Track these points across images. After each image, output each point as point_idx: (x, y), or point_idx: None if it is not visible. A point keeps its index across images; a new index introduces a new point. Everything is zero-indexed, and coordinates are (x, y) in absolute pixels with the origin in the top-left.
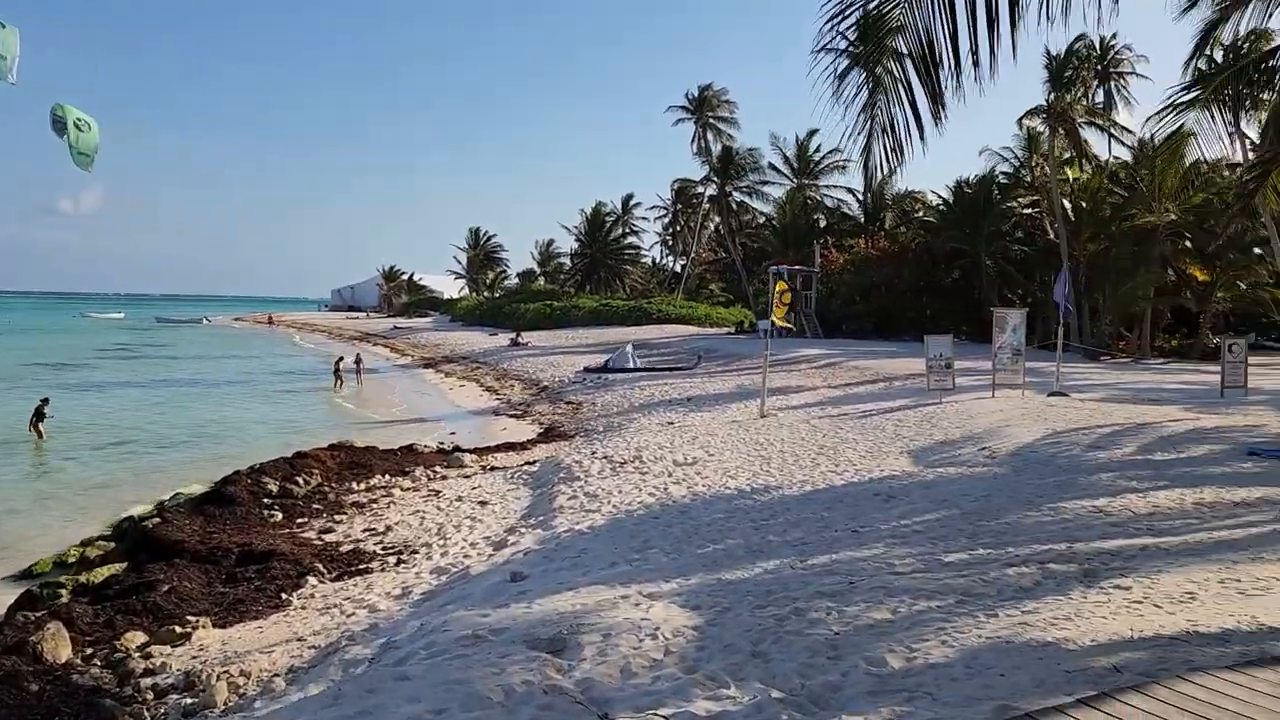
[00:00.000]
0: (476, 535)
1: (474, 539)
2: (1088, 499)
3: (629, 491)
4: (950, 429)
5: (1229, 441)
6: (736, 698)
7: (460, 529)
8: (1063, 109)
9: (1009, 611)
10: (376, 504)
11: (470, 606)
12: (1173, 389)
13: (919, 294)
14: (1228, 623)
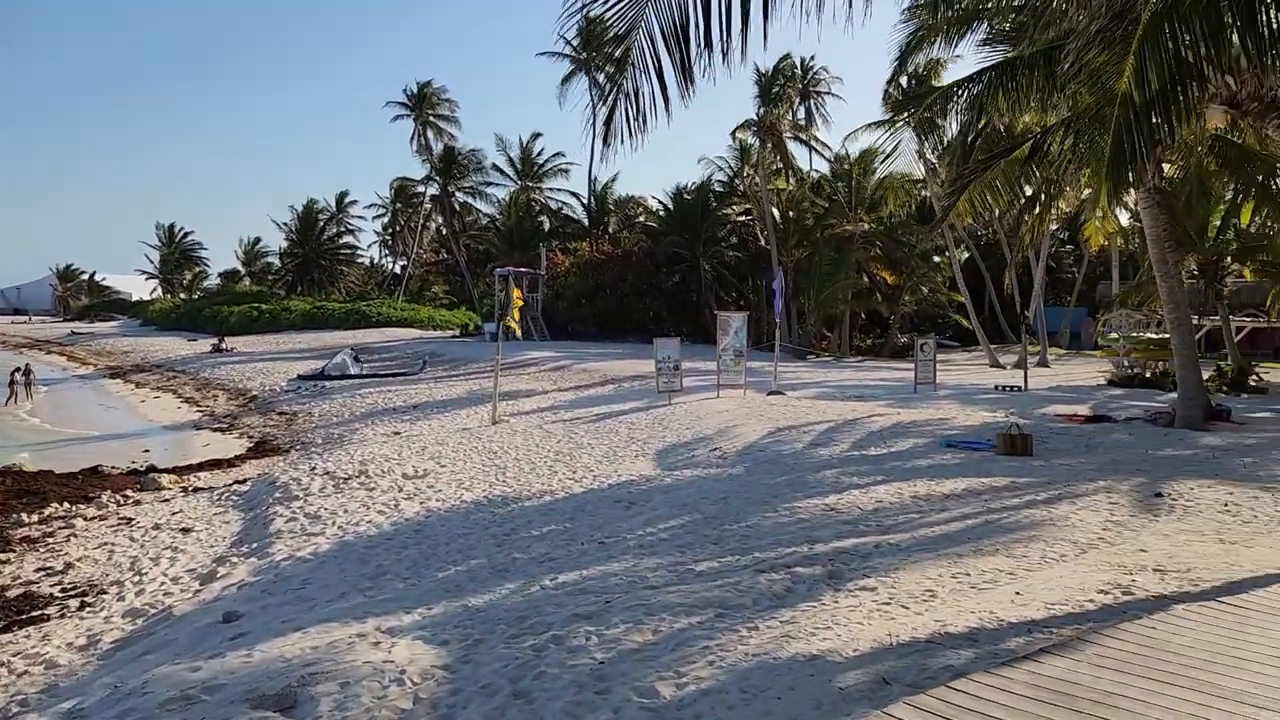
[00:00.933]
0: (179, 568)
1: (175, 573)
2: (818, 497)
3: (356, 510)
4: (682, 430)
5: (927, 435)
6: None
7: (159, 562)
8: (771, 123)
9: (768, 623)
10: (53, 537)
11: (176, 657)
12: (873, 385)
13: (643, 296)
14: (971, 620)
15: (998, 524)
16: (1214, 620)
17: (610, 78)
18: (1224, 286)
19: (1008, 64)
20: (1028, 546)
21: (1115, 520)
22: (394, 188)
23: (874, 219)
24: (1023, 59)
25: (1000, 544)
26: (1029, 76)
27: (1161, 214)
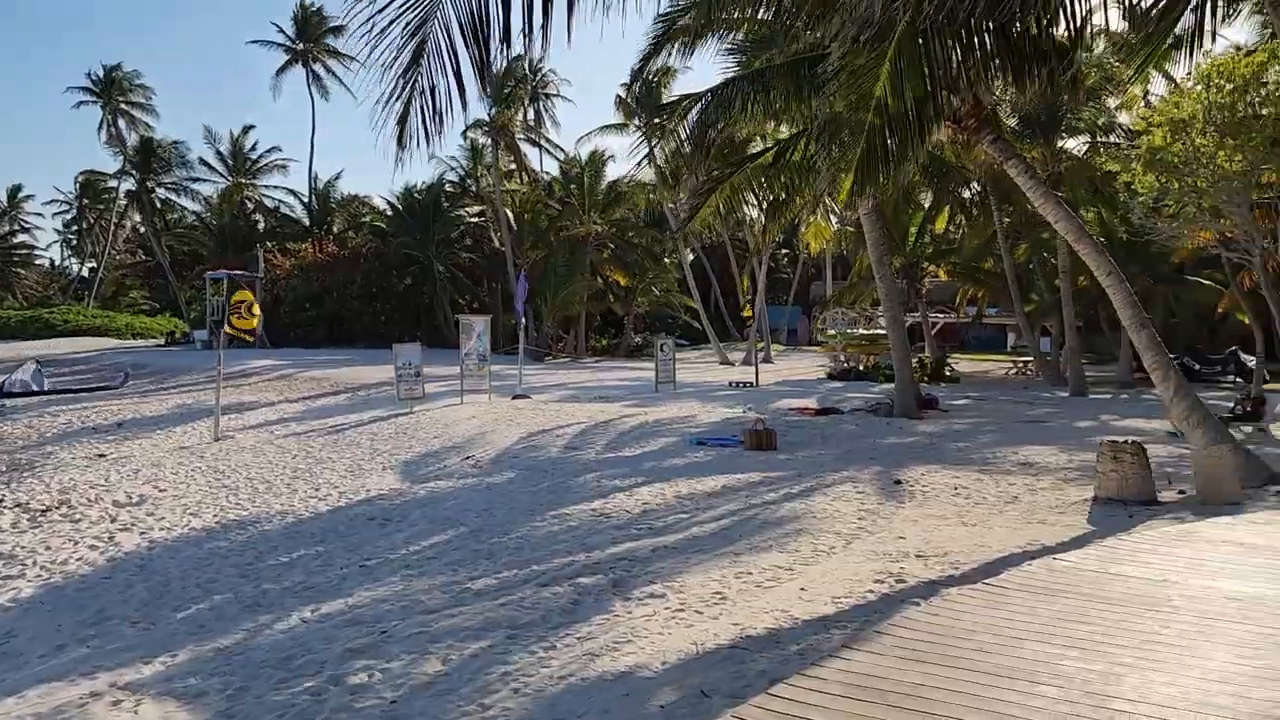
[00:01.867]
0: None
1: None
2: (584, 502)
3: (61, 547)
4: (430, 439)
5: (676, 433)
6: None
7: None
8: (504, 123)
9: (566, 640)
10: None
11: None
12: (615, 385)
13: (372, 299)
14: (767, 621)
15: (763, 519)
16: (985, 602)
17: (403, 75)
18: (922, 286)
19: (758, 73)
20: (797, 540)
21: (867, 509)
22: (80, 182)
23: (607, 221)
24: (773, 68)
25: (772, 539)
26: (780, 85)
27: (879, 219)
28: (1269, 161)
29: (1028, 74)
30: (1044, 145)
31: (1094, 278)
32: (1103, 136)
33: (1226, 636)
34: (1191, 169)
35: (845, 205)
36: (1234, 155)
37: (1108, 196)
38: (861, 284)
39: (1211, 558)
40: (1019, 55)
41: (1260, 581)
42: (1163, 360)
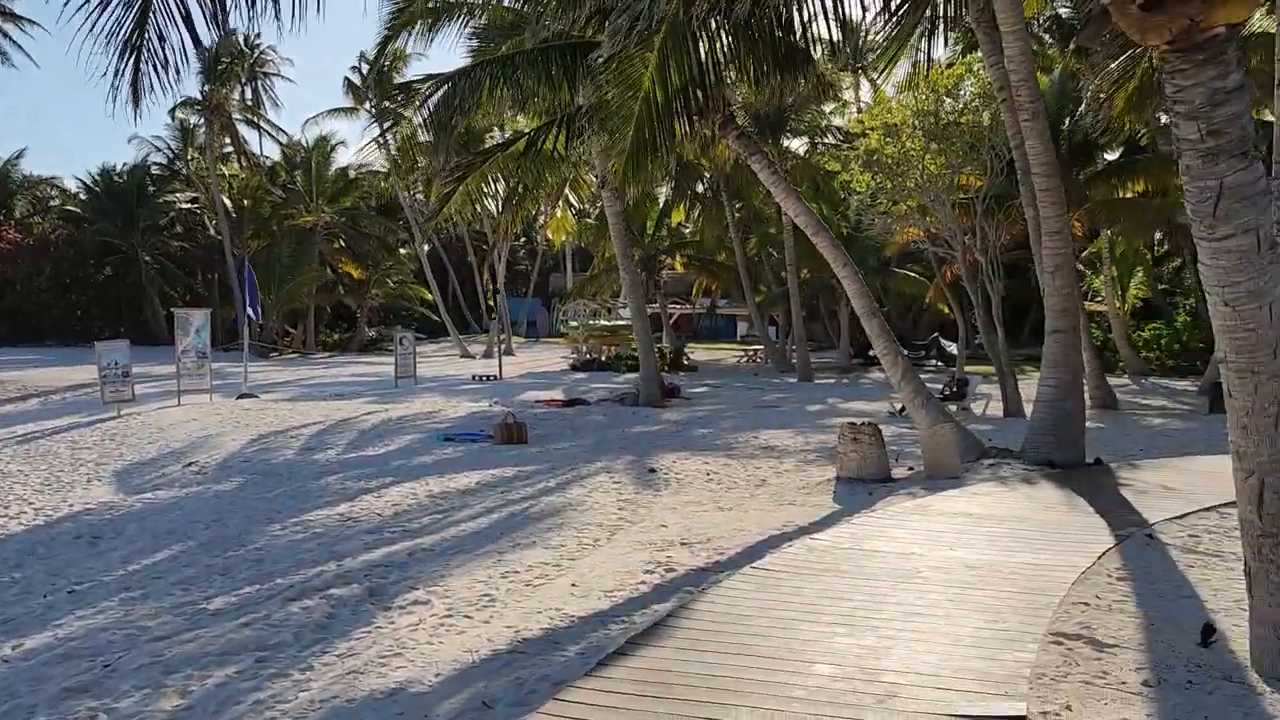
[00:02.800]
0: None
1: None
2: (328, 507)
3: None
4: (144, 446)
5: (421, 430)
6: None
7: None
8: (219, 102)
9: (324, 660)
10: None
11: None
12: (351, 381)
13: (66, 292)
14: (542, 621)
15: (523, 514)
16: (756, 586)
17: (137, 23)
18: (660, 278)
19: (507, 59)
20: (561, 534)
21: (626, 499)
22: None
23: (337, 210)
24: (522, 54)
25: (534, 535)
26: (531, 72)
27: (622, 212)
28: (966, 164)
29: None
30: (772, 144)
31: (817, 271)
32: (820, 138)
33: (971, 604)
34: (902, 170)
35: (617, 193)
36: (937, 158)
37: (827, 194)
38: (603, 276)
39: (946, 529)
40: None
41: (990, 550)
42: (892, 347)
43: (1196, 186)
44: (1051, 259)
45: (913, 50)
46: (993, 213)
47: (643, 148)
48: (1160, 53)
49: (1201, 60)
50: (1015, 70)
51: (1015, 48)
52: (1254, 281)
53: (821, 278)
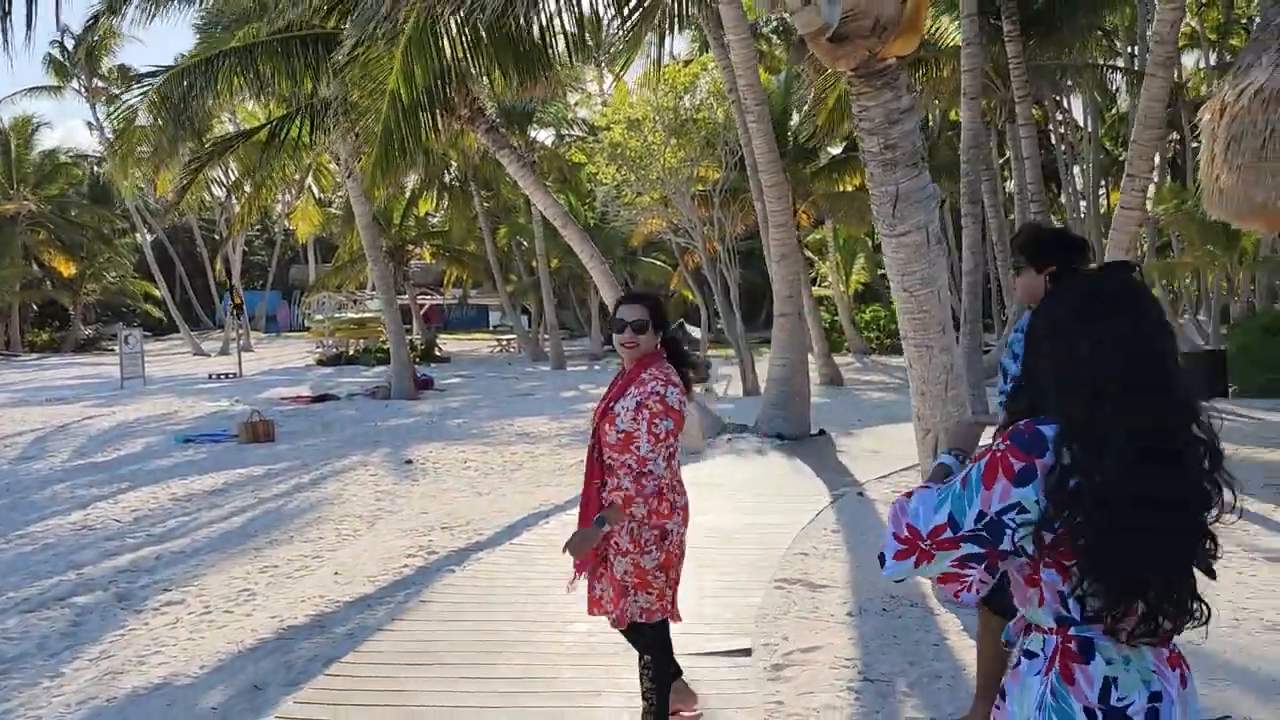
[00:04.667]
0: None
1: None
2: (59, 517)
3: None
4: None
5: (156, 432)
6: None
7: None
8: None
9: (76, 666)
10: None
11: None
12: (69, 384)
13: None
14: (307, 609)
15: (277, 512)
16: (515, 559)
17: None
18: (409, 268)
19: (246, 49)
20: (319, 528)
21: (384, 490)
22: None
23: (42, 198)
24: (260, 44)
25: (291, 531)
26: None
27: (369, 202)
28: (704, 158)
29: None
30: (520, 135)
31: (566, 260)
32: (566, 130)
33: (710, 561)
34: (645, 163)
35: (366, 189)
36: (677, 152)
37: (574, 185)
38: (349, 266)
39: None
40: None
41: (727, 514)
42: None
43: (878, 191)
44: (778, 249)
45: (648, 47)
46: (728, 204)
47: (391, 147)
48: (847, 78)
49: (879, 85)
50: (741, 75)
51: (740, 54)
52: (925, 270)
53: (571, 266)
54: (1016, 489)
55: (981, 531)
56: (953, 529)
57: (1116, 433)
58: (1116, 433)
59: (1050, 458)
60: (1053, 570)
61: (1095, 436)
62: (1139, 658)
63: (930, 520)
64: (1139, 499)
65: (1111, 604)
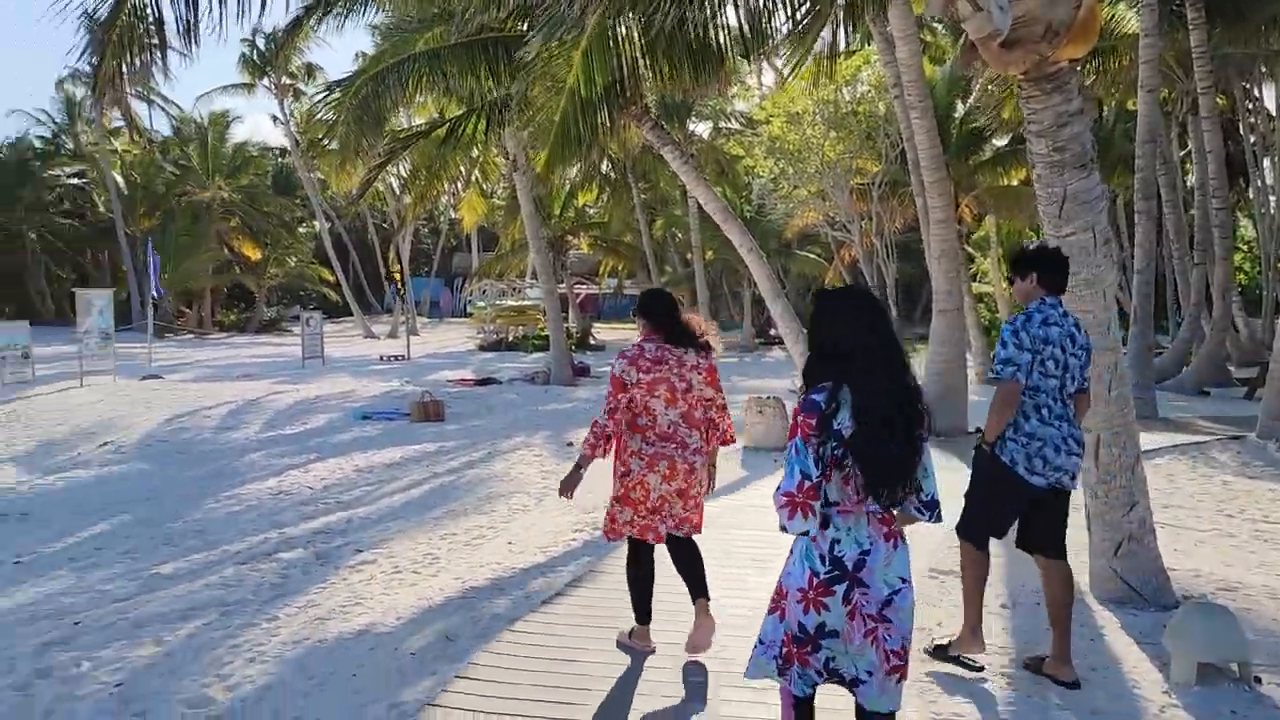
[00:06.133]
0: None
1: None
2: (258, 482)
3: None
4: (52, 428)
5: (336, 409)
6: None
7: None
8: (112, 74)
9: (288, 610)
10: None
11: None
12: (256, 361)
13: None
14: (486, 573)
15: (451, 485)
16: None
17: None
18: (566, 258)
19: (434, 53)
20: (491, 503)
21: (548, 470)
22: None
23: (234, 187)
24: (448, 48)
25: (466, 504)
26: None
27: (533, 195)
28: (863, 152)
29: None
30: (679, 129)
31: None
32: (724, 123)
33: None
34: (804, 156)
35: (535, 178)
36: (836, 145)
37: (731, 177)
38: (510, 255)
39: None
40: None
41: None
42: (794, 326)
43: (1046, 192)
44: (938, 245)
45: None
46: (888, 198)
47: (567, 140)
48: (1018, 81)
49: (1050, 89)
50: (905, 71)
51: (905, 51)
52: (1090, 271)
53: (726, 259)
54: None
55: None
56: (808, 479)
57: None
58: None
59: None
60: None
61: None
62: (858, 528)
63: (793, 482)
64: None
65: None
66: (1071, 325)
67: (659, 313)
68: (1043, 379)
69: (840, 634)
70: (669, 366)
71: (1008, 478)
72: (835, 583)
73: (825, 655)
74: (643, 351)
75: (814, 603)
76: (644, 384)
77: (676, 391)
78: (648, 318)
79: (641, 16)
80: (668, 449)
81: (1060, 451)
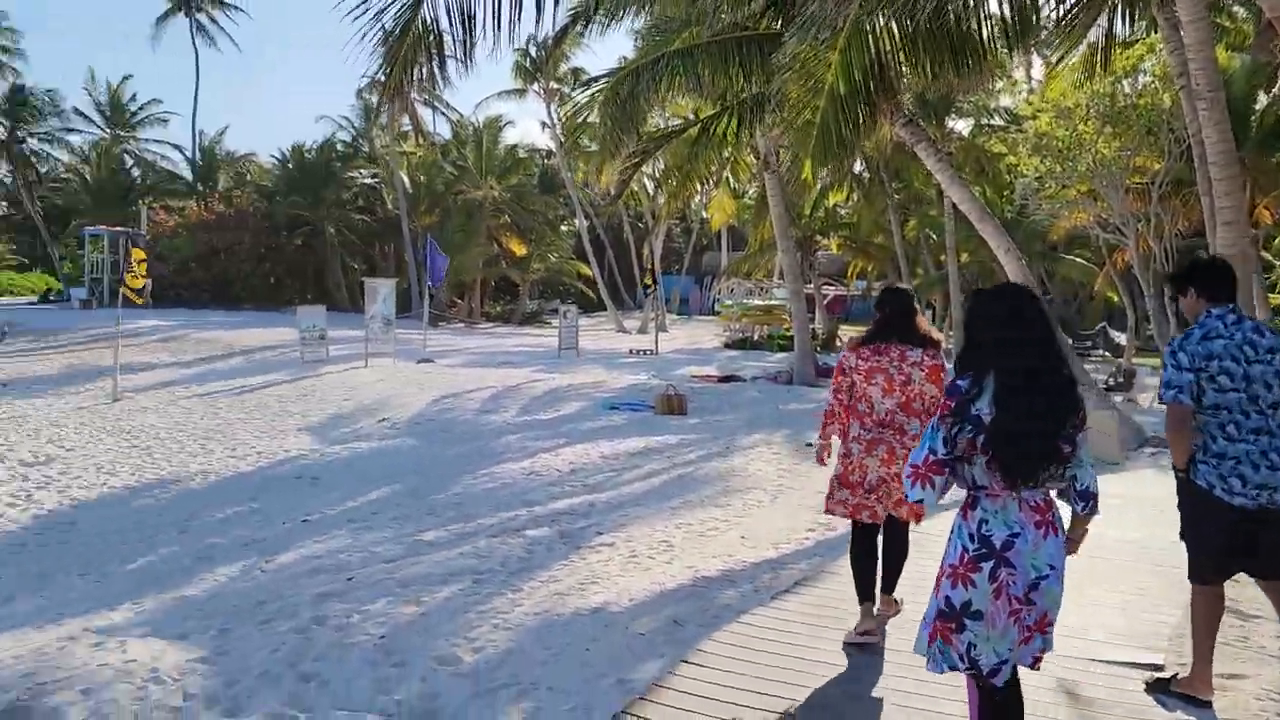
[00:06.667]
0: None
1: None
2: (511, 462)
3: None
4: (340, 402)
5: (586, 398)
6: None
7: None
8: (400, 83)
9: (531, 584)
10: None
11: None
12: (516, 351)
13: (261, 260)
14: (718, 564)
15: (690, 477)
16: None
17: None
18: (815, 259)
19: (687, 51)
20: (727, 496)
21: (785, 469)
22: None
23: (504, 186)
24: (700, 46)
25: (704, 495)
26: (709, 62)
27: (783, 195)
28: (1143, 148)
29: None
30: (936, 127)
31: (977, 254)
32: (986, 119)
33: (1119, 574)
34: (1074, 153)
35: (787, 178)
36: (1112, 141)
37: (992, 176)
38: (758, 255)
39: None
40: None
41: (1141, 529)
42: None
43: None
44: (1225, 249)
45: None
46: (1169, 198)
47: (828, 140)
48: None
49: None
50: (1194, 58)
51: (1194, 35)
52: None
53: (982, 261)
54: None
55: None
56: (933, 454)
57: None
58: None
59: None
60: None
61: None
62: (1006, 511)
63: (920, 455)
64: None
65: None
66: (1248, 331)
67: (888, 307)
68: (1220, 395)
69: (984, 615)
70: (889, 358)
71: (1207, 501)
72: (983, 560)
73: (968, 640)
74: (865, 341)
75: (962, 578)
76: (862, 371)
77: (894, 382)
78: (878, 309)
79: (899, 10)
80: (885, 435)
81: (1261, 468)
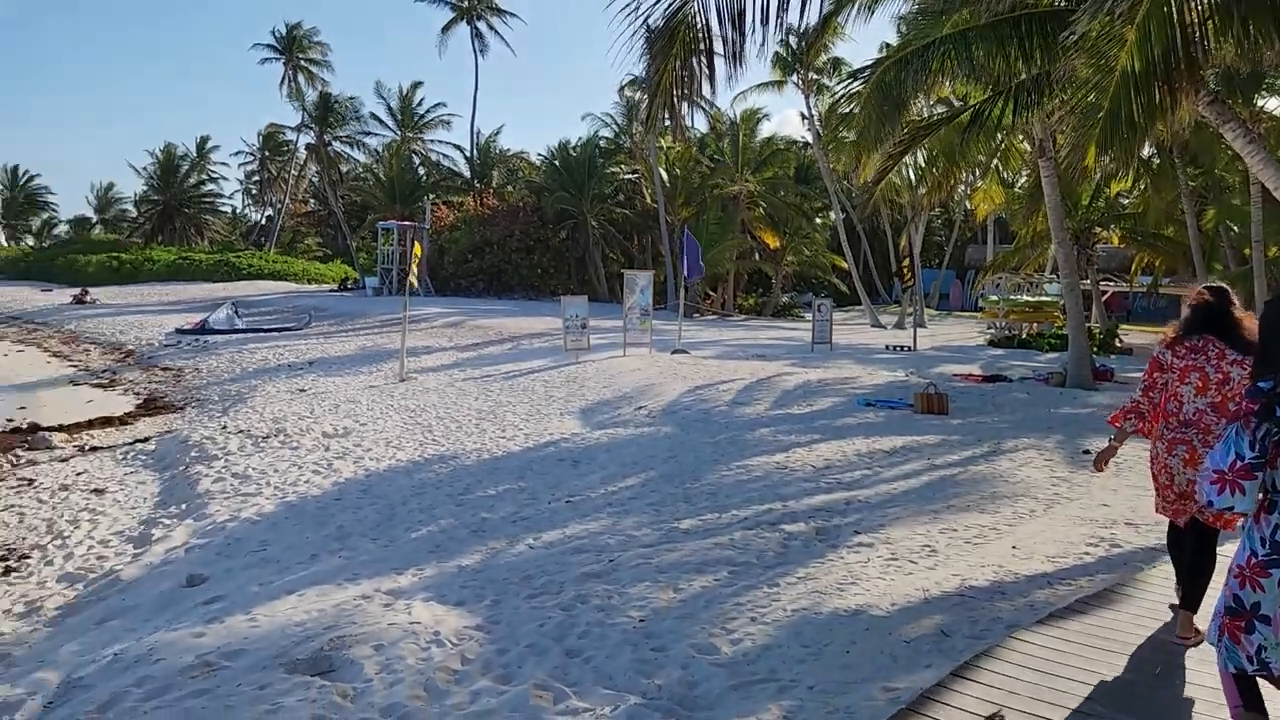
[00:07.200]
0: (104, 531)
1: (103, 535)
2: (764, 455)
3: (287, 470)
4: (600, 389)
5: (840, 394)
6: (595, 710)
7: (78, 525)
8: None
9: (788, 580)
10: None
11: (146, 623)
12: (769, 344)
13: (530, 253)
14: (987, 574)
15: (953, 480)
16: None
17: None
18: (1093, 252)
19: (960, 34)
20: (995, 502)
21: (1059, 477)
22: (263, 135)
23: (759, 180)
24: (975, 29)
25: (968, 500)
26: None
27: (1058, 184)
28: None
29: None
30: (1244, 104)
31: None
32: None
33: None
34: None
35: (1088, 163)
36: None
37: None
38: (1029, 248)
39: None
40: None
41: None
42: None
43: None
44: None
45: None
46: None
47: (1115, 123)
48: None
49: None
50: None
51: None
52: None
53: None
54: None
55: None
56: (1240, 459)
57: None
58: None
59: None
60: None
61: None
62: None
63: (1226, 461)
64: None
65: None
66: None
67: (1209, 304)
68: None
69: (1272, 621)
70: (1206, 357)
71: None
72: (1273, 566)
73: (1258, 641)
74: (1181, 338)
75: (1249, 580)
76: (1177, 369)
77: (1210, 381)
78: (1193, 309)
79: None
80: (1188, 434)
81: None
